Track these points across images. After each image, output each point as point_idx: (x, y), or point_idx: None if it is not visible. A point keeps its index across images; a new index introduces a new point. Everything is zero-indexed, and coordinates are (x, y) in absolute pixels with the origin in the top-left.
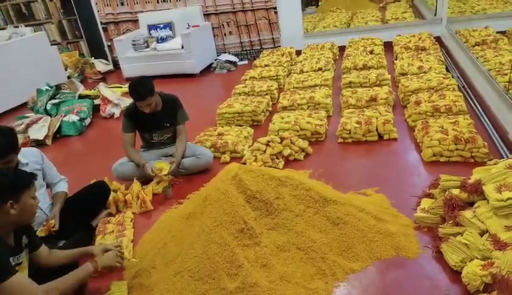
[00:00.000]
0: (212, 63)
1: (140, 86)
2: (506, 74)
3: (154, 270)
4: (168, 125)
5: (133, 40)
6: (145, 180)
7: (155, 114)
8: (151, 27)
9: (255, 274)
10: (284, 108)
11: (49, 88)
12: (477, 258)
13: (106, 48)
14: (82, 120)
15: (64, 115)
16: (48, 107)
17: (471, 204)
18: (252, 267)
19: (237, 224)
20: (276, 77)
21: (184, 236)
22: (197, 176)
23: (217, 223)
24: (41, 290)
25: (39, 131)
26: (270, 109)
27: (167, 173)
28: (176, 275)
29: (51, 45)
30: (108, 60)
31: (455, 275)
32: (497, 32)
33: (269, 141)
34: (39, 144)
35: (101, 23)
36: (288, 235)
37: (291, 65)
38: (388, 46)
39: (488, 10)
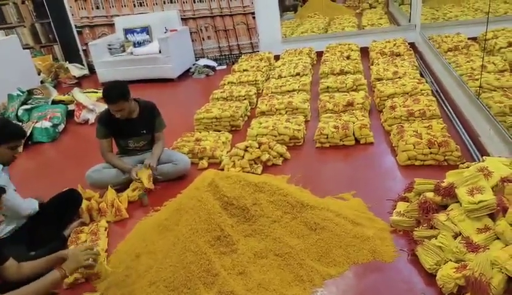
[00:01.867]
0: (190, 68)
1: (113, 90)
2: (477, 79)
3: (128, 280)
4: (144, 132)
5: (109, 45)
6: (120, 187)
7: (131, 120)
8: (128, 31)
9: (231, 282)
10: (262, 113)
11: (21, 94)
12: (451, 260)
13: (81, 53)
14: (55, 126)
15: (36, 122)
16: (20, 113)
17: (444, 207)
18: (228, 275)
19: (214, 231)
20: (254, 82)
21: (159, 246)
22: (174, 183)
23: (193, 231)
24: None
25: None
26: (248, 114)
27: (145, 186)
28: (151, 285)
29: (23, 49)
30: (83, 65)
31: (430, 277)
32: (468, 39)
33: (247, 147)
34: None
35: (76, 27)
36: (266, 241)
37: (269, 70)
38: (364, 51)
39: (460, 16)
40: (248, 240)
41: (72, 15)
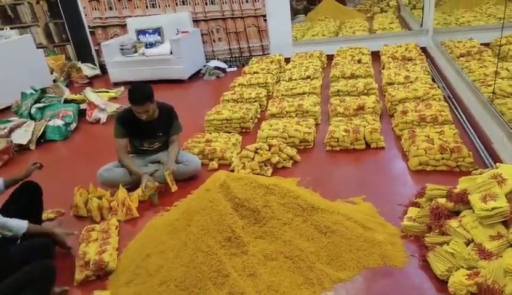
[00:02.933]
0: (200, 69)
1: (139, 91)
2: (490, 85)
3: (139, 279)
4: (161, 134)
5: (121, 45)
6: (131, 186)
7: (150, 122)
8: (140, 32)
9: (242, 283)
10: (273, 115)
11: (34, 92)
12: (463, 267)
13: (94, 53)
14: (67, 124)
15: (49, 120)
16: (33, 111)
17: (457, 213)
18: (239, 276)
19: (225, 232)
20: (264, 84)
21: (169, 246)
22: (185, 183)
23: (204, 231)
24: None
25: (22, 136)
26: (259, 116)
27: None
28: (161, 284)
29: (37, 48)
30: (95, 64)
31: (441, 284)
32: (481, 44)
33: (257, 148)
34: (22, 148)
35: (89, 27)
36: (276, 243)
37: (280, 72)
38: (375, 55)
39: (472, 22)
40: (259, 242)
41: (86, 15)
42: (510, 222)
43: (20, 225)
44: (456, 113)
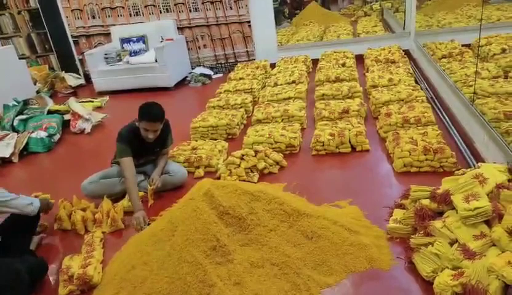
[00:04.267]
0: (186, 76)
1: (156, 109)
2: (471, 86)
3: (123, 292)
4: (158, 149)
5: (106, 54)
6: (116, 198)
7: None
8: (124, 40)
9: (227, 292)
10: (259, 121)
11: (16, 104)
12: (448, 268)
13: (77, 62)
14: (50, 136)
15: (32, 132)
16: (16, 123)
17: (440, 214)
18: (224, 286)
19: (209, 241)
20: (250, 90)
21: (154, 257)
22: (170, 193)
23: (188, 241)
24: None
25: (4, 149)
26: (245, 122)
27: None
28: None
29: (19, 59)
30: (79, 74)
31: (427, 285)
32: (462, 45)
33: (243, 155)
34: (4, 161)
35: (72, 36)
36: (262, 250)
37: (265, 78)
38: (359, 59)
39: (453, 24)
40: (245, 250)
41: (69, 24)
42: (492, 221)
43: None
44: (439, 114)
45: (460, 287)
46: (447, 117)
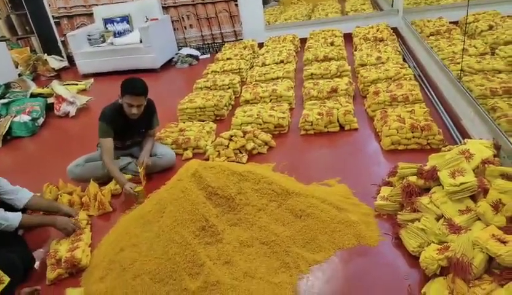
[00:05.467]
0: (172, 58)
1: (140, 82)
2: (458, 63)
3: (113, 274)
4: (143, 130)
5: (89, 35)
6: (103, 181)
7: (135, 119)
8: (107, 20)
9: (217, 272)
10: (247, 102)
11: None
12: (434, 242)
13: (60, 44)
14: (34, 120)
15: (15, 116)
16: None
17: (427, 190)
18: (214, 265)
19: (198, 221)
20: (238, 71)
21: (143, 239)
22: (159, 175)
23: (177, 222)
24: None
25: None
26: (233, 103)
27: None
28: (135, 278)
29: None
30: (62, 56)
31: (413, 260)
32: (450, 23)
33: (232, 136)
34: None
35: (54, 17)
36: (251, 229)
37: (253, 58)
38: (348, 37)
39: (441, 1)
40: (234, 229)
41: (49, 5)
42: (478, 196)
43: (15, 216)
44: (427, 91)
45: (445, 261)
46: (434, 95)
